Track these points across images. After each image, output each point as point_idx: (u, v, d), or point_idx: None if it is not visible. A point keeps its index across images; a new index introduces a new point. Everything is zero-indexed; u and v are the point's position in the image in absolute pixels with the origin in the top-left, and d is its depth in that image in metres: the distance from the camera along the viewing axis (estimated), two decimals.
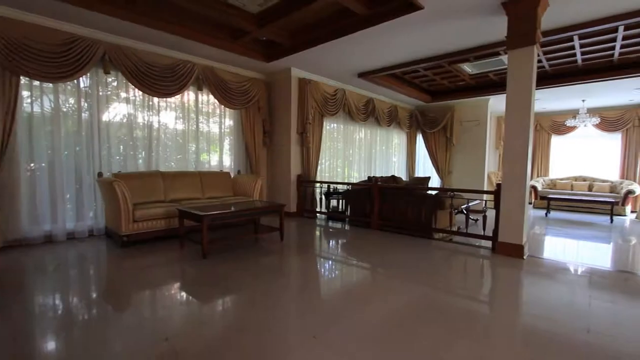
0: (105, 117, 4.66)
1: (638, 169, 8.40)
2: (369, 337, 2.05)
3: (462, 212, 5.28)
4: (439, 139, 9.13)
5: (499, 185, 4.02)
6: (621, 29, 4.32)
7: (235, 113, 6.17)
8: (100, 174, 4.42)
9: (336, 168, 7.60)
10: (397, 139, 9.51)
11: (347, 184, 6.64)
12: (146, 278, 3.12)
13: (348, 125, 7.71)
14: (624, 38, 4.66)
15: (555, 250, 4.79)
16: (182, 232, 4.02)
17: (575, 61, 5.71)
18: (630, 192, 7.69)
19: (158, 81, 4.84)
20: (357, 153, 8.15)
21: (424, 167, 9.97)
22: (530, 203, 8.67)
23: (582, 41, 4.80)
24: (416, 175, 9.77)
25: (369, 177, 6.27)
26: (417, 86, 7.84)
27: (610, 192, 8.28)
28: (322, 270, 3.60)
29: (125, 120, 4.84)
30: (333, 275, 3.43)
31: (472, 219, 5.79)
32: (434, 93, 8.44)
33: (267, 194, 6.78)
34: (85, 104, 4.49)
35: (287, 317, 2.35)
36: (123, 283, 3.03)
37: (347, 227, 5.75)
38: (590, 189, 8.72)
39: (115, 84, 4.75)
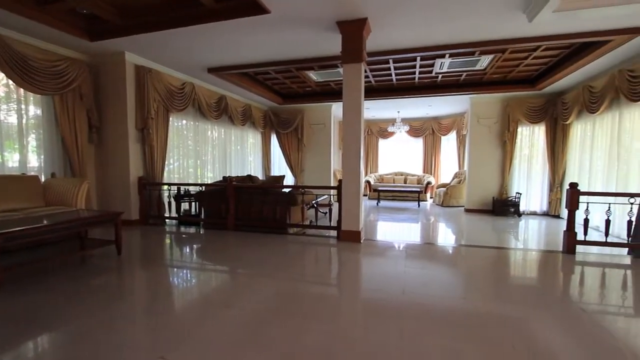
0: None
1: (432, 165, 11.31)
2: (227, 344, 1.98)
3: (312, 206, 5.78)
4: (292, 140, 9.70)
5: (340, 181, 4.60)
6: (419, 59, 5.65)
7: (45, 100, 4.81)
8: None
9: (188, 168, 7.01)
10: (252, 138, 9.56)
11: (200, 185, 6.24)
12: None
13: (200, 122, 7.22)
14: (421, 67, 6.12)
15: (384, 232, 5.91)
16: None
17: (392, 80, 7.12)
18: (429, 182, 10.30)
19: None
20: (211, 152, 7.74)
21: (280, 166, 10.40)
22: (365, 195, 10.36)
23: (395, 64, 6.03)
24: (272, 174, 10.09)
25: (224, 177, 6.06)
26: (269, 88, 8.08)
27: (417, 184, 10.80)
28: (174, 281, 3.25)
29: None
30: (187, 285, 3.15)
31: (322, 212, 6.44)
32: (285, 96, 8.90)
33: (98, 201, 5.61)
34: None
35: (128, 343, 2.00)
36: None
37: (201, 230, 5.40)
38: (405, 181, 11.14)
39: None
